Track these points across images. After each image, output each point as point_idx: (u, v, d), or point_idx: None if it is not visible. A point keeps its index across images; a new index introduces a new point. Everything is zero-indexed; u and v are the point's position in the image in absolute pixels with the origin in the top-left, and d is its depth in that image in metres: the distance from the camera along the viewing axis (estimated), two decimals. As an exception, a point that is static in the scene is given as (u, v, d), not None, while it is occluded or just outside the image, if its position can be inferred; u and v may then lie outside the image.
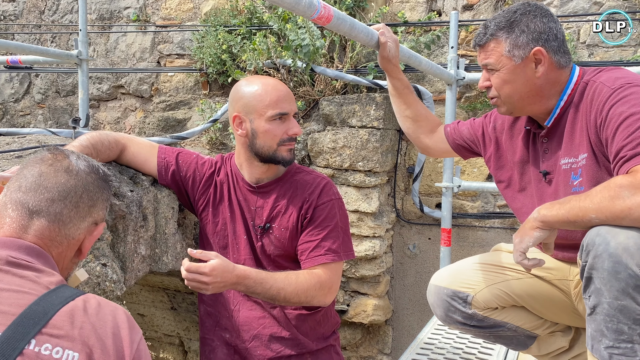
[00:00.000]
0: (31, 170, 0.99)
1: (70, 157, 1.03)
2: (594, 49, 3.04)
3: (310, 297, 1.58)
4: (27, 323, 0.79)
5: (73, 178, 1.00)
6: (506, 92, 1.47)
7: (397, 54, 1.82)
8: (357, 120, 3.17)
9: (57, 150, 1.04)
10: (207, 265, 1.40)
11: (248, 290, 1.51)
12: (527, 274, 1.57)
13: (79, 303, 0.86)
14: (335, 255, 1.62)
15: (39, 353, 0.78)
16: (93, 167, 1.05)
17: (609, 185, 1.18)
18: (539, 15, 1.43)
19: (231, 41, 3.51)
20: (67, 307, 0.84)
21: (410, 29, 3.40)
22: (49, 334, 0.80)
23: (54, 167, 1.00)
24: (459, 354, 2.16)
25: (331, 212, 1.64)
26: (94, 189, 1.03)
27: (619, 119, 1.25)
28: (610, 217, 1.17)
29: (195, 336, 3.56)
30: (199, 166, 1.76)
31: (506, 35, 1.44)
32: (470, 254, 2.13)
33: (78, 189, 1.00)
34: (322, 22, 1.49)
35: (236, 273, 1.45)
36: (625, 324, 1.15)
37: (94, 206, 1.02)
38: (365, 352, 3.55)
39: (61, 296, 0.85)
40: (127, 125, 4.15)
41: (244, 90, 1.63)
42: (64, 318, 0.82)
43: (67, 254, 1.01)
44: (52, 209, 0.96)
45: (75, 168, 1.01)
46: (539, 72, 1.42)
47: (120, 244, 1.61)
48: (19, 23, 4.52)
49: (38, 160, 1.01)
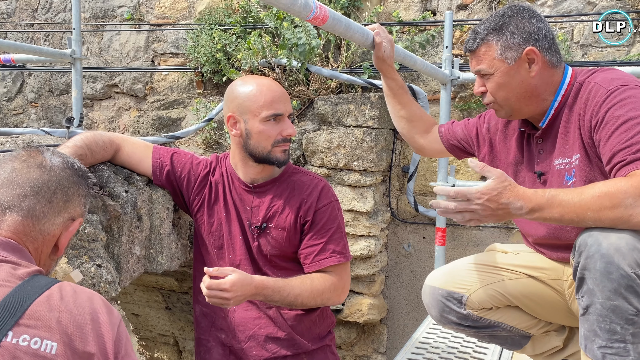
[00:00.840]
0: (4, 167, 0.99)
1: (44, 154, 1.02)
2: (588, 49, 3.05)
3: (326, 299, 1.63)
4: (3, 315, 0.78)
5: (46, 173, 0.99)
6: (502, 95, 1.47)
7: (392, 54, 1.82)
8: (352, 120, 3.17)
9: (31, 147, 1.04)
10: (226, 282, 1.42)
11: (266, 299, 1.55)
12: (521, 274, 1.58)
13: (55, 291, 0.85)
14: (342, 256, 1.65)
15: (17, 344, 0.78)
16: (68, 163, 1.04)
17: (609, 190, 1.16)
18: (527, 17, 1.44)
19: (226, 40, 3.50)
20: (43, 297, 0.83)
21: (404, 28, 3.40)
22: (26, 325, 0.79)
23: (26, 163, 1.00)
24: (454, 353, 2.17)
25: (332, 214, 1.66)
26: (69, 184, 1.02)
27: (616, 122, 1.25)
28: (609, 224, 1.17)
29: (190, 336, 3.55)
30: (194, 166, 1.76)
31: (497, 39, 1.44)
32: (464, 253, 2.14)
33: (51, 184, 0.99)
34: (317, 22, 1.49)
35: (255, 284, 1.49)
36: (618, 324, 1.16)
37: (69, 201, 1.02)
38: (360, 351, 3.56)
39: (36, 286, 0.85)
40: (121, 124, 4.13)
41: (239, 90, 1.63)
42: (40, 308, 0.81)
43: (43, 250, 1.00)
44: (25, 204, 0.95)
45: (49, 164, 1.01)
46: (533, 71, 1.43)
47: (115, 245, 1.60)
48: (11, 21, 4.49)
49: (12, 157, 1.01)
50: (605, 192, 1.17)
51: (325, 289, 1.61)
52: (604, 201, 1.16)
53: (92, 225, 1.48)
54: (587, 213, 1.18)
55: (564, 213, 1.20)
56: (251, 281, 1.48)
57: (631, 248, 1.14)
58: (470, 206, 1.26)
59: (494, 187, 1.25)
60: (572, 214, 1.20)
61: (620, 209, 1.14)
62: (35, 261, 0.97)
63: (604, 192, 1.17)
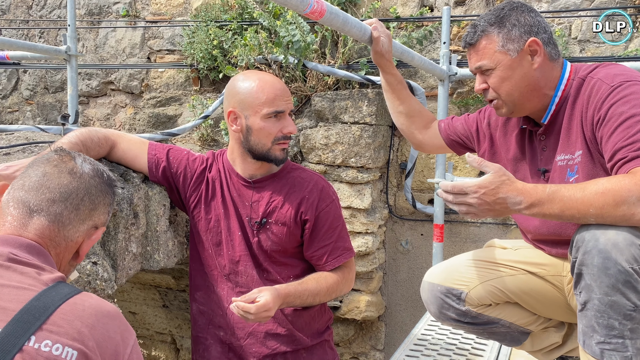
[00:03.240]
0: (36, 170, 1.00)
1: (76, 160, 1.04)
2: (586, 45, 3.04)
3: (339, 292, 1.71)
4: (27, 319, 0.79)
5: (76, 180, 1.01)
6: (506, 89, 1.45)
7: (390, 49, 1.81)
8: (350, 117, 3.16)
9: (63, 152, 1.05)
10: (268, 300, 1.46)
11: (289, 305, 1.61)
12: (520, 270, 1.57)
13: (78, 301, 0.86)
14: (350, 252, 1.73)
15: (38, 349, 0.78)
16: (97, 171, 1.06)
17: (612, 187, 1.15)
18: (526, 11, 1.45)
19: (222, 37, 3.48)
20: (67, 304, 0.84)
21: (402, 24, 3.39)
22: (49, 330, 0.80)
23: (58, 168, 1.01)
24: (453, 349, 2.16)
25: (336, 213, 1.70)
26: (97, 192, 1.03)
27: (619, 119, 1.24)
28: (611, 222, 1.16)
29: (187, 334, 3.54)
30: (190, 162, 1.74)
31: (498, 30, 1.43)
32: (462, 250, 2.13)
33: (80, 191, 1.00)
34: (314, 16, 1.47)
35: (280, 294, 1.52)
36: (616, 320, 1.15)
37: (95, 209, 1.03)
38: (358, 348, 3.56)
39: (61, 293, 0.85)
40: (117, 121, 4.11)
41: (240, 85, 1.61)
42: (63, 315, 0.82)
43: (65, 256, 1.01)
44: (53, 209, 0.97)
45: (80, 170, 1.02)
46: (536, 63, 1.42)
47: (111, 242, 1.59)
48: (6, 18, 4.45)
49: (44, 160, 1.02)
50: (609, 189, 1.15)
51: (339, 285, 1.69)
52: (607, 198, 1.15)
53: (88, 222, 1.46)
54: (590, 210, 1.16)
55: (565, 209, 1.19)
56: (277, 293, 1.51)
57: (629, 243, 1.14)
58: (466, 199, 1.26)
59: (492, 180, 1.24)
60: (573, 210, 1.18)
61: (624, 207, 1.13)
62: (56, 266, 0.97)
63: (608, 189, 1.15)
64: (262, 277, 1.67)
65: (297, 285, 1.60)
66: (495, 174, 1.24)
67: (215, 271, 1.71)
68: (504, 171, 1.25)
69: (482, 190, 1.24)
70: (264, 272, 1.67)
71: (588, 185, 1.19)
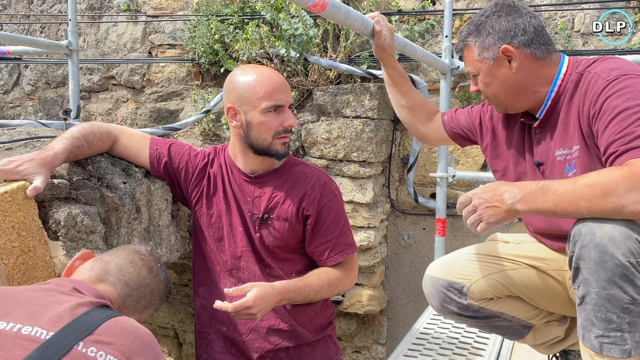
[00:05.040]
0: (126, 255, 1.19)
1: (157, 263, 1.24)
2: (589, 38, 3.03)
3: (342, 287, 1.70)
4: (77, 327, 0.92)
5: (149, 278, 1.18)
6: (491, 93, 1.51)
7: (392, 43, 1.80)
8: (351, 111, 3.15)
9: (152, 253, 1.26)
10: (249, 299, 1.45)
11: (290, 301, 1.59)
12: (523, 264, 1.57)
13: (121, 320, 0.99)
14: (353, 247, 1.72)
15: (85, 354, 0.89)
16: (167, 281, 1.25)
17: (601, 180, 1.16)
18: (504, 15, 1.45)
19: (223, 31, 3.47)
20: (111, 321, 0.96)
21: (404, 18, 3.38)
22: (95, 340, 0.91)
23: (143, 262, 1.20)
24: (455, 343, 2.17)
25: (338, 208, 1.69)
26: (157, 297, 1.21)
27: (612, 113, 1.25)
28: (602, 214, 1.17)
29: (190, 328, 3.55)
30: (192, 158, 1.74)
31: (474, 40, 1.48)
32: (464, 244, 2.13)
33: (148, 288, 1.17)
34: (316, 9, 1.47)
35: (277, 291, 1.52)
36: (614, 313, 1.16)
37: (147, 308, 1.18)
38: (360, 342, 3.56)
39: (106, 312, 0.99)
40: (119, 116, 4.11)
41: (238, 80, 1.61)
42: (108, 329, 0.95)
43: None
44: (123, 291, 1.13)
45: (156, 272, 1.21)
46: (514, 67, 1.44)
47: (114, 237, 1.59)
48: (7, 13, 4.45)
49: (136, 251, 1.22)
50: (598, 181, 1.16)
51: (342, 280, 1.68)
52: (596, 190, 1.16)
53: (91, 217, 1.46)
54: (581, 202, 1.18)
55: (557, 202, 1.20)
56: (272, 290, 1.50)
57: (625, 237, 1.14)
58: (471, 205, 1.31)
59: (490, 183, 1.31)
60: (565, 203, 1.20)
61: (613, 199, 1.14)
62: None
63: (597, 181, 1.16)
64: (265, 272, 1.67)
65: (298, 282, 1.60)
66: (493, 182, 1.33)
67: (217, 266, 1.71)
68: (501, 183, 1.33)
69: (482, 189, 1.30)
70: (266, 267, 1.67)
71: (579, 179, 1.20)
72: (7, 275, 1.24)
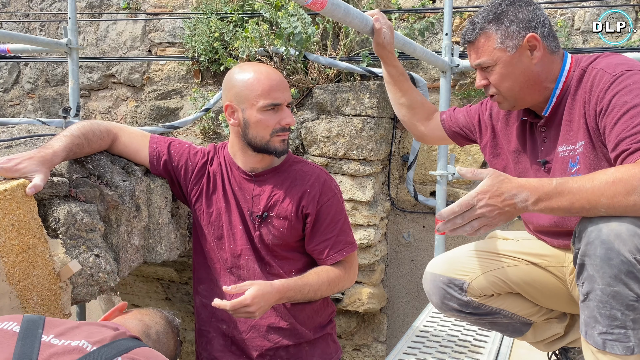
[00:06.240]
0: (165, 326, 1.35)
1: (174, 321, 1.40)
2: (589, 36, 3.03)
3: (342, 286, 1.69)
4: (116, 346, 1.04)
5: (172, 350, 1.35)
6: (507, 86, 1.45)
7: (392, 41, 1.80)
8: (351, 109, 3.15)
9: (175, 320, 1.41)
10: (247, 297, 1.45)
11: (290, 300, 1.59)
12: (523, 261, 1.57)
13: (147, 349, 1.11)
14: (353, 245, 1.71)
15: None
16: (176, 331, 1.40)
17: (622, 177, 1.13)
18: (524, 5, 1.43)
19: (223, 29, 3.47)
20: (145, 348, 1.10)
21: (404, 15, 3.37)
22: (131, 357, 1.03)
23: (173, 333, 1.36)
24: (455, 341, 2.17)
25: (338, 207, 1.69)
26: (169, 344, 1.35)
27: (622, 109, 1.23)
28: (622, 212, 1.14)
29: (190, 326, 3.55)
30: (191, 156, 1.74)
31: (496, 28, 1.42)
32: (464, 242, 2.13)
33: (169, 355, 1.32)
34: (316, 7, 1.47)
35: (276, 290, 1.51)
36: (618, 310, 1.15)
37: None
38: (360, 340, 3.57)
39: (136, 342, 1.11)
40: (119, 114, 4.11)
41: (236, 78, 1.60)
42: (142, 352, 1.07)
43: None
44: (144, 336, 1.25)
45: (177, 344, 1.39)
46: (536, 57, 1.41)
47: (113, 235, 1.59)
48: (6, 11, 4.44)
49: (170, 322, 1.37)
50: (620, 178, 1.13)
51: (341, 278, 1.67)
52: (619, 187, 1.13)
53: (90, 215, 1.46)
54: (601, 199, 1.14)
55: (574, 200, 1.16)
56: (271, 288, 1.50)
57: (632, 234, 1.13)
58: (475, 212, 1.20)
59: (491, 183, 1.20)
60: (583, 201, 1.16)
61: (635, 196, 1.12)
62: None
63: (618, 178, 1.13)
64: (264, 271, 1.67)
65: (297, 280, 1.59)
66: (491, 176, 1.21)
67: (217, 264, 1.71)
68: (498, 172, 1.23)
69: (487, 194, 1.19)
70: (266, 265, 1.67)
71: (597, 176, 1.17)
72: (7, 273, 1.24)
